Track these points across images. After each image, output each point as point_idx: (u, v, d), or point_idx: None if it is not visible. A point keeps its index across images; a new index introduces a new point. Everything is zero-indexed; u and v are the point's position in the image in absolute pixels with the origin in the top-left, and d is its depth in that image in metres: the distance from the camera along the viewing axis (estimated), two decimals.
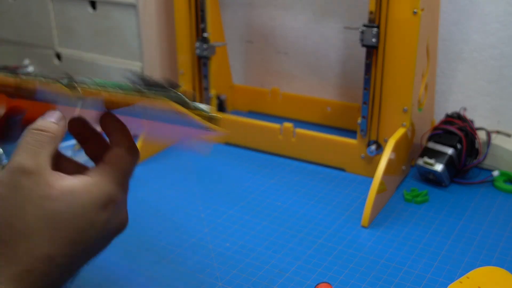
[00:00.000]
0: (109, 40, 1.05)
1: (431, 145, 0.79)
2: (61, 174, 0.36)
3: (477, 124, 0.83)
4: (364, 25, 0.75)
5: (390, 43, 0.74)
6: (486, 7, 0.84)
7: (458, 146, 0.77)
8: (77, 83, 0.39)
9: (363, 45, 0.76)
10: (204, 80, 0.95)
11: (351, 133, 0.88)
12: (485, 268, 0.58)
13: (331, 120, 0.99)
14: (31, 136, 0.36)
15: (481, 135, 0.82)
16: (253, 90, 1.08)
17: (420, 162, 0.78)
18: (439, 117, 0.89)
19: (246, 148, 0.93)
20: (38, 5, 1.14)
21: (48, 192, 0.34)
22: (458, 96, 0.91)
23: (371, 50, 0.76)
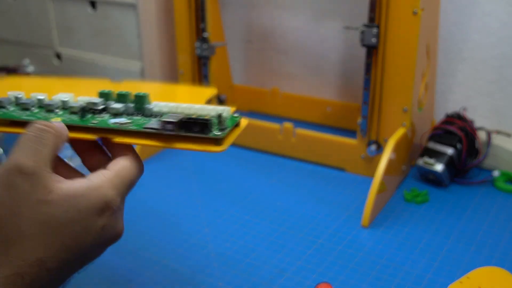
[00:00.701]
0: (109, 40, 1.05)
1: (431, 145, 0.79)
2: (60, 177, 0.35)
3: (477, 124, 0.83)
4: (364, 25, 0.75)
5: (390, 43, 0.74)
6: (486, 7, 0.84)
7: (458, 146, 0.77)
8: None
9: (363, 45, 0.76)
10: (204, 80, 0.95)
11: (351, 133, 0.88)
12: (485, 268, 0.58)
13: (331, 120, 0.99)
14: (34, 132, 0.35)
15: (481, 135, 0.82)
16: (253, 90, 1.08)
17: (420, 162, 0.78)
18: (439, 117, 0.89)
19: (246, 148, 0.93)
20: (38, 5, 1.14)
21: (45, 196, 0.33)
22: (458, 96, 0.91)
23: (371, 50, 0.76)
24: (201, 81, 0.96)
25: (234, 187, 0.79)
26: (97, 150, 0.40)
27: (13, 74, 1.13)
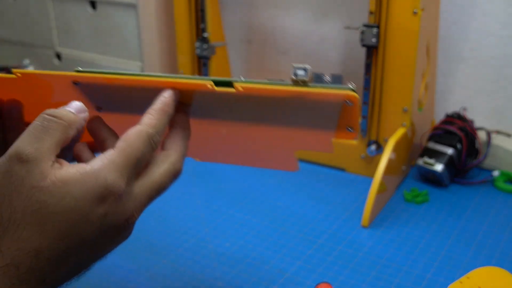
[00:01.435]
0: (109, 40, 1.05)
1: (431, 145, 0.79)
2: (62, 164, 0.33)
3: (477, 124, 0.83)
4: (364, 25, 0.75)
5: (390, 43, 0.74)
6: (486, 7, 0.84)
7: (458, 146, 0.77)
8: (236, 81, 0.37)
9: (363, 45, 0.76)
10: None
11: None
12: (485, 268, 0.58)
13: None
14: (41, 121, 0.34)
15: (481, 135, 0.82)
16: None
17: (420, 162, 0.78)
18: (439, 117, 0.89)
19: None
20: (38, 5, 1.14)
21: (40, 182, 0.32)
22: (458, 96, 0.91)
23: (371, 50, 0.76)
24: None
25: (234, 187, 0.79)
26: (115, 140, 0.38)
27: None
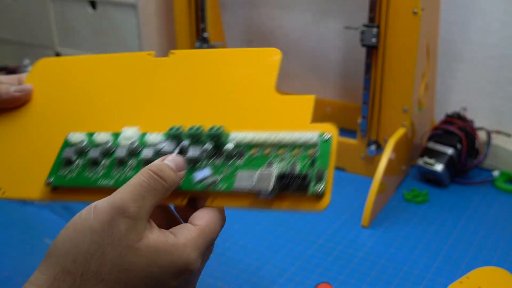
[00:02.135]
0: (109, 40, 1.05)
1: (431, 145, 0.79)
2: (152, 226, 0.33)
3: (477, 124, 0.83)
4: (364, 25, 0.75)
5: (390, 43, 0.74)
6: (486, 7, 0.84)
7: (458, 146, 0.77)
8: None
9: (363, 45, 0.76)
10: None
11: (351, 133, 0.88)
12: (485, 268, 0.58)
13: (331, 120, 0.98)
14: (147, 178, 0.33)
15: (481, 135, 0.82)
16: None
17: (420, 162, 0.78)
18: (439, 117, 0.89)
19: None
20: (38, 5, 1.14)
21: (135, 244, 0.32)
22: (458, 96, 0.91)
23: (371, 50, 0.76)
24: None
25: None
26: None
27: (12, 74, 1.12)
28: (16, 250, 0.64)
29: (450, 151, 0.77)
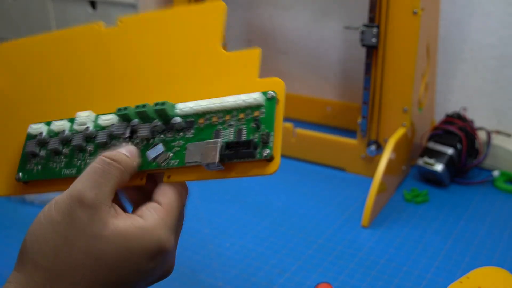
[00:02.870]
0: None
1: (431, 145, 0.79)
2: (117, 212, 0.33)
3: (477, 124, 0.83)
4: (364, 25, 0.75)
5: (390, 43, 0.74)
6: (486, 7, 0.84)
7: (458, 146, 0.77)
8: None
9: (363, 45, 0.76)
10: None
11: (351, 133, 0.88)
12: (485, 268, 0.58)
13: (331, 120, 0.99)
14: (101, 164, 0.34)
15: (481, 135, 0.82)
16: None
17: (420, 162, 0.78)
18: (439, 117, 0.89)
19: None
20: (38, 5, 1.14)
21: (101, 231, 0.32)
22: (458, 96, 0.91)
23: (371, 50, 0.76)
24: None
25: (234, 187, 0.79)
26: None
27: None
28: (16, 250, 0.64)
29: (450, 151, 0.77)
